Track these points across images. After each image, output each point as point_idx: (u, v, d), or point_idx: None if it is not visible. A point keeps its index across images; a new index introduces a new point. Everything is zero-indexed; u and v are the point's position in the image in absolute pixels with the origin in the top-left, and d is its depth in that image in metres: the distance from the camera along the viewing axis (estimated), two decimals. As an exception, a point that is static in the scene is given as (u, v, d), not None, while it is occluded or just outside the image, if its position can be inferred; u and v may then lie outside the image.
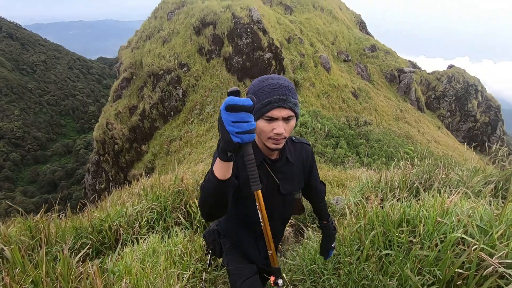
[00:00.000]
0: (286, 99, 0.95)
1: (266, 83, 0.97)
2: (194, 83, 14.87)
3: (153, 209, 2.12)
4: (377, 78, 18.41)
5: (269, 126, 0.96)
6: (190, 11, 16.06)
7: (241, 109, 0.70)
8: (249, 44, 13.92)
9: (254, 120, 0.82)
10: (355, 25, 23.17)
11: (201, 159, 9.99)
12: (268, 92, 0.95)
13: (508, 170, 2.22)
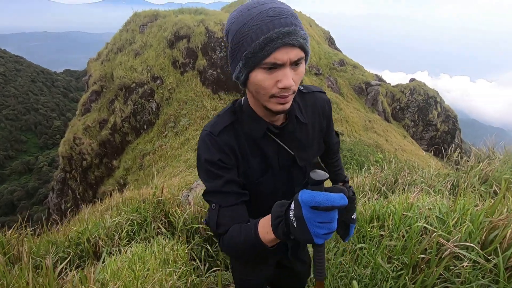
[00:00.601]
0: (293, 31, 0.63)
1: (257, 10, 0.64)
2: (168, 96, 14.71)
3: (133, 221, 2.10)
4: (346, 90, 19.38)
5: (272, 78, 0.66)
6: (163, 25, 16.06)
7: (335, 209, 0.54)
8: (223, 58, 14.13)
9: (244, 71, 0.68)
10: (324, 40, 24.41)
11: (176, 172, 9.80)
12: (264, 24, 0.62)
13: (461, 171, 2.49)
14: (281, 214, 0.61)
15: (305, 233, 0.55)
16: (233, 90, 14.01)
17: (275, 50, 0.63)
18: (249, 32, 0.64)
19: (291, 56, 0.64)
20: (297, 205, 0.56)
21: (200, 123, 13.24)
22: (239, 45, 0.66)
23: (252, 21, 0.64)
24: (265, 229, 0.66)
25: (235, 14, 0.69)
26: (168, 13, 16.79)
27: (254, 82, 0.68)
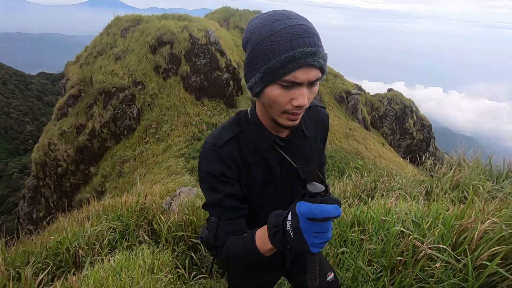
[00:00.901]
0: (316, 52, 0.62)
1: (282, 24, 0.63)
2: (149, 101, 14.47)
3: (115, 229, 2.05)
4: (328, 99, 19.89)
5: (287, 95, 0.66)
6: (145, 30, 15.88)
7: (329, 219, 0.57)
8: (206, 64, 14.14)
9: (261, 84, 0.67)
10: (306, 50, 25.01)
11: (158, 179, 9.59)
12: (288, 41, 0.61)
13: (435, 177, 2.64)
14: (277, 224, 0.63)
15: (302, 242, 0.58)
16: (217, 96, 14.01)
17: (296, 70, 0.62)
18: (272, 46, 0.63)
19: (310, 76, 0.64)
20: (295, 216, 0.58)
21: (183, 130, 13.10)
22: (259, 57, 0.65)
23: (275, 35, 0.62)
24: (262, 240, 0.69)
25: (258, 22, 0.67)
26: (151, 18, 16.63)
27: (269, 96, 0.68)
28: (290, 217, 0.60)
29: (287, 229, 0.60)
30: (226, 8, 22.67)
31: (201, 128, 12.97)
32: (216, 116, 13.46)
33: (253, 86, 0.70)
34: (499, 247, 1.13)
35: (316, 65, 0.63)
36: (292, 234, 0.59)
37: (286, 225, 0.60)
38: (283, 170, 0.82)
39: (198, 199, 2.75)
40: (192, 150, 11.65)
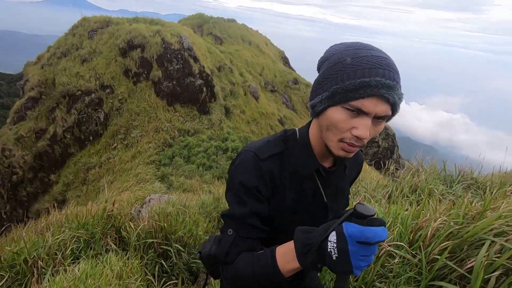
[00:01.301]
0: (393, 86, 0.60)
1: (366, 53, 0.62)
2: (118, 106, 13.91)
3: (79, 238, 1.95)
4: (300, 107, 20.45)
5: (349, 123, 0.63)
6: (115, 32, 15.35)
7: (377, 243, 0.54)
8: (179, 70, 13.95)
9: (325, 103, 0.65)
10: (279, 59, 25.62)
11: (125, 187, 9.19)
12: (367, 68, 0.60)
13: (396, 182, 2.84)
14: (309, 242, 0.59)
15: (346, 265, 0.54)
16: (189, 103, 13.84)
17: (367, 97, 0.60)
18: (349, 69, 0.61)
19: (378, 109, 0.61)
20: (342, 239, 0.54)
21: (154, 136, 12.72)
22: (333, 77, 0.64)
23: (356, 60, 0.61)
24: (286, 258, 0.64)
25: (341, 47, 0.67)
26: (121, 21, 16.13)
27: (329, 118, 0.65)
28: (335, 238, 0.55)
29: (327, 249, 0.56)
30: (200, 14, 22.65)
31: (173, 134, 12.69)
32: (188, 123, 13.26)
33: (316, 104, 0.68)
34: (447, 242, 1.26)
35: (389, 99, 0.61)
36: (336, 256, 0.55)
37: (327, 245, 0.56)
38: (314, 203, 0.78)
39: (169, 205, 2.70)
40: (163, 156, 11.35)
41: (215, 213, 3.35)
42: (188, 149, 11.54)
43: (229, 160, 11.15)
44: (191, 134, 12.84)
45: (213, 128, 13.36)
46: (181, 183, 8.67)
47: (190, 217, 2.56)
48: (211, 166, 10.54)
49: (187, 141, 11.88)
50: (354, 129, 0.63)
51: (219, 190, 5.00)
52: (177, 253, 2.08)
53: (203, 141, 11.99)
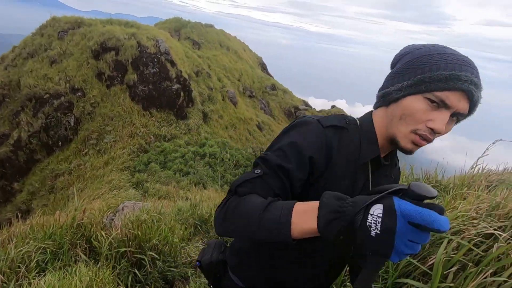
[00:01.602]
0: (478, 84, 0.61)
1: (452, 51, 0.63)
2: (90, 110, 13.35)
3: (45, 249, 1.85)
4: (277, 113, 20.71)
5: (427, 114, 0.62)
6: (87, 33, 14.79)
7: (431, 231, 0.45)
8: (156, 74, 13.68)
9: (406, 91, 0.64)
10: (257, 65, 25.89)
11: (97, 195, 8.79)
12: (456, 63, 0.60)
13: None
14: (340, 209, 0.50)
15: (387, 247, 0.45)
16: (166, 107, 13.58)
17: (454, 90, 0.59)
18: (440, 62, 0.61)
19: (461, 105, 0.61)
20: (391, 214, 0.45)
21: (128, 141, 12.32)
22: (419, 67, 0.63)
23: (446, 55, 0.61)
24: (304, 218, 0.54)
25: (422, 45, 0.66)
26: (94, 22, 15.58)
27: (408, 106, 0.63)
28: (381, 212, 0.46)
29: (366, 223, 0.47)
30: (178, 19, 22.43)
31: (149, 139, 12.37)
32: (165, 128, 13.00)
33: (393, 91, 0.66)
34: (411, 241, 1.34)
35: (473, 97, 0.60)
36: (377, 233, 0.46)
37: (366, 218, 0.47)
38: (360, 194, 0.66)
39: (143, 213, 2.64)
40: (137, 162, 11.01)
41: (192, 219, 3.31)
42: (164, 154, 11.28)
43: (206, 165, 11.04)
44: (167, 140, 12.58)
45: (191, 133, 13.18)
46: (156, 190, 8.45)
47: (166, 224, 2.51)
48: (188, 172, 10.37)
49: (164, 146, 11.62)
50: (431, 122, 0.61)
51: (196, 196, 4.94)
52: (152, 262, 2.03)
53: (180, 147, 11.79)
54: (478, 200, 1.55)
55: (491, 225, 1.33)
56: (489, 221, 1.37)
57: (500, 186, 1.80)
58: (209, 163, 11.07)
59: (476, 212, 1.43)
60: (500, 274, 1.12)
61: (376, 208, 0.47)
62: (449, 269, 1.21)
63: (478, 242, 1.29)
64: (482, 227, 1.32)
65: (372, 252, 0.48)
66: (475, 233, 1.29)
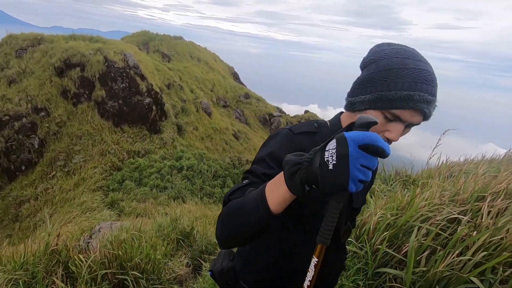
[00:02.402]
0: (432, 101, 0.66)
1: (414, 64, 0.66)
2: (56, 130, 12.67)
3: (17, 280, 1.73)
4: (252, 121, 20.88)
5: (384, 126, 0.69)
6: (49, 50, 14.13)
7: (379, 155, 0.50)
8: (125, 89, 13.32)
9: (367, 105, 0.69)
10: (229, 75, 26.05)
11: (69, 219, 8.27)
12: (414, 82, 0.64)
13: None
14: (300, 160, 0.54)
15: (342, 175, 0.49)
16: (139, 122, 13.23)
17: (407, 109, 0.65)
18: (397, 79, 0.65)
19: (414, 119, 0.67)
20: (343, 143, 0.50)
21: (99, 160, 11.80)
22: (379, 82, 0.67)
23: (404, 71, 0.65)
24: (274, 186, 0.58)
25: (389, 51, 0.69)
26: (56, 38, 14.95)
27: None
28: (334, 145, 0.51)
29: (324, 159, 0.50)
30: (145, 32, 22.11)
31: (122, 156, 11.93)
32: (138, 143, 12.62)
33: (357, 102, 0.72)
34: (386, 233, 1.44)
35: (426, 113, 0.67)
36: (334, 163, 0.49)
37: (324, 155, 0.51)
38: None
39: (122, 232, 2.55)
40: (111, 181, 10.56)
41: (174, 234, 3.24)
42: (139, 171, 10.92)
43: (184, 179, 10.83)
44: (141, 155, 12.21)
45: (166, 147, 12.90)
46: (133, 208, 8.14)
47: (147, 241, 2.44)
48: (165, 187, 10.11)
49: (138, 162, 11.26)
50: (388, 132, 0.68)
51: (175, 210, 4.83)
52: (135, 281, 1.97)
53: (155, 162, 11.48)
54: (441, 189, 1.69)
55: (454, 210, 1.46)
56: (451, 206, 1.50)
57: (459, 175, 1.97)
58: (186, 176, 10.87)
59: (440, 199, 1.56)
60: (465, 254, 1.23)
61: (330, 143, 0.52)
62: (421, 255, 1.30)
63: (444, 227, 1.41)
64: (447, 212, 1.45)
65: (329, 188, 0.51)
66: (441, 219, 1.41)
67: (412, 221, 1.44)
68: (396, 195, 1.89)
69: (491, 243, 1.23)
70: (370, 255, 1.41)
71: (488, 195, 1.51)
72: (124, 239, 2.24)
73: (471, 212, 1.47)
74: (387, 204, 1.71)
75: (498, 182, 1.64)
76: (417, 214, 1.47)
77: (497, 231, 1.25)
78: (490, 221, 1.34)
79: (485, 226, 1.32)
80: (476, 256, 1.18)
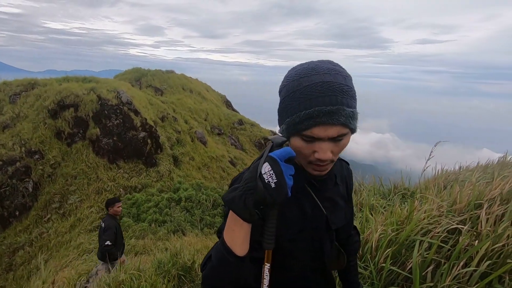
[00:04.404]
0: (335, 111, 0.63)
1: (308, 81, 0.65)
2: (50, 171, 12.53)
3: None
4: (248, 146, 20.96)
5: (310, 147, 0.68)
6: (43, 94, 14.36)
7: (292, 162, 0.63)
8: (119, 125, 13.43)
9: (286, 135, 0.71)
10: (222, 103, 26.52)
11: (65, 263, 7.94)
12: (307, 99, 0.64)
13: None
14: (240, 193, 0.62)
15: (283, 187, 0.58)
16: (134, 157, 13.19)
17: (313, 127, 0.64)
18: (294, 103, 0.66)
19: (329, 133, 0.65)
20: (274, 162, 0.60)
21: (96, 198, 11.59)
22: (285, 110, 0.70)
23: (299, 92, 0.66)
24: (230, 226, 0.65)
25: (291, 75, 0.70)
26: (49, 81, 15.26)
27: (294, 146, 0.70)
28: (269, 167, 0.60)
29: (265, 181, 0.59)
30: (137, 68, 22.74)
31: (118, 193, 11.73)
32: (134, 178, 12.49)
33: (282, 132, 0.74)
34: (388, 250, 1.41)
35: (335, 123, 0.64)
36: (275, 181, 0.59)
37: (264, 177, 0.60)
38: (314, 216, 0.77)
39: (121, 272, 2.46)
40: (108, 219, 10.28)
41: (174, 270, 3.12)
42: (136, 206, 10.71)
43: (183, 211, 10.62)
44: (138, 190, 12.04)
45: (163, 180, 12.77)
46: (132, 246, 7.87)
47: (147, 280, 2.35)
48: (164, 220, 9.87)
49: (135, 198, 11.08)
50: (316, 153, 0.68)
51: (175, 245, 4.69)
52: (135, 325, 1.87)
53: (153, 195, 11.31)
54: (439, 199, 1.69)
55: (453, 220, 1.45)
56: (450, 217, 1.49)
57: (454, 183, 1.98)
58: (185, 208, 10.67)
59: (438, 210, 1.55)
60: (470, 265, 1.21)
61: (265, 167, 0.61)
62: (426, 269, 1.28)
63: (446, 238, 1.40)
64: (446, 223, 1.43)
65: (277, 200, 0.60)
66: (441, 230, 1.40)
67: (413, 235, 1.42)
68: (395, 209, 1.88)
69: (493, 251, 1.21)
70: (375, 275, 1.37)
71: (484, 202, 1.52)
72: (122, 280, 2.16)
73: (470, 221, 1.46)
74: (387, 220, 1.69)
75: (493, 188, 1.65)
76: (417, 227, 1.45)
77: (497, 238, 1.24)
78: (490, 228, 1.33)
79: (485, 234, 1.31)
80: (481, 266, 1.16)
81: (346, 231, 0.94)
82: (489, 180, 2.00)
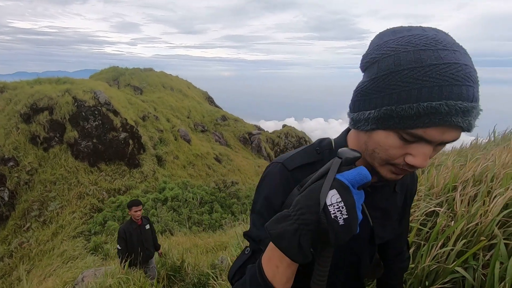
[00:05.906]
0: (470, 109, 0.44)
1: (432, 58, 0.44)
2: (27, 179, 12.00)
3: None
4: (233, 142, 20.90)
5: (403, 149, 0.49)
6: (13, 97, 13.66)
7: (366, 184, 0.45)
8: (99, 126, 13.01)
9: (373, 125, 0.50)
10: (204, 100, 26.22)
11: (49, 272, 7.67)
12: (436, 85, 0.43)
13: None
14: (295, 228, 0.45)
15: (354, 225, 0.43)
16: (116, 159, 12.84)
17: (433, 126, 0.44)
18: (410, 85, 0.44)
19: (446, 137, 0.46)
20: (346, 192, 0.43)
21: (77, 204, 11.23)
22: (386, 91, 0.47)
23: (420, 71, 0.44)
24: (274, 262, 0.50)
25: (398, 44, 0.47)
26: (19, 84, 14.52)
27: (378, 141, 0.51)
28: (338, 196, 0.43)
29: (331, 215, 0.43)
30: (114, 67, 22.02)
31: (101, 197, 11.43)
32: (118, 180, 12.19)
33: (361, 120, 0.53)
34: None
35: (463, 127, 0.45)
36: (345, 217, 0.43)
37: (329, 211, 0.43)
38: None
39: (108, 277, 2.41)
40: (92, 224, 10.03)
41: (164, 271, 3.10)
42: (121, 209, 10.49)
43: (170, 210, 10.50)
44: (122, 192, 11.77)
45: (147, 181, 12.55)
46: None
47: (135, 283, 2.32)
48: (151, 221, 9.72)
49: (119, 200, 10.83)
50: (410, 157, 0.49)
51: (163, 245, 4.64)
52: (125, 329, 1.84)
53: (137, 197, 11.09)
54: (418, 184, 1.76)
55: (430, 203, 1.52)
56: (428, 200, 1.56)
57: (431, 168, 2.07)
58: (172, 207, 10.56)
59: (417, 195, 1.62)
60: (447, 245, 1.27)
61: (331, 196, 0.44)
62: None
63: (424, 221, 1.46)
64: (424, 206, 1.50)
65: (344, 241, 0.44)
66: (419, 214, 1.46)
67: (394, 220, 1.47)
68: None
69: (468, 230, 1.28)
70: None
71: (459, 184, 1.59)
72: (110, 285, 2.12)
73: (446, 203, 1.53)
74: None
75: (466, 170, 1.74)
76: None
77: (471, 217, 1.31)
78: (464, 209, 1.40)
79: (460, 214, 1.37)
80: (458, 245, 1.22)
81: (396, 247, 0.78)
82: (463, 163, 2.10)
